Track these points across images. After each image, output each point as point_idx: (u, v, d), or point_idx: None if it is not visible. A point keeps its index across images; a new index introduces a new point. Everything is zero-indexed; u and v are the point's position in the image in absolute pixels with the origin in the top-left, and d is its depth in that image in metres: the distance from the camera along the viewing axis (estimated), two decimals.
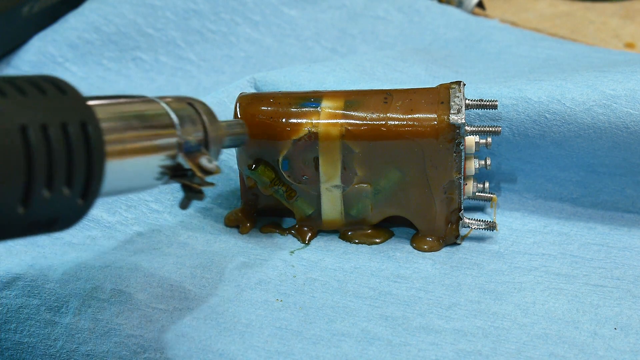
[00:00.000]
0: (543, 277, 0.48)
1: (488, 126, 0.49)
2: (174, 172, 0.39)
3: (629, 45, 0.77)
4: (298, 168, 0.50)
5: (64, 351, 0.44)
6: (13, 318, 0.45)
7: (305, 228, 0.52)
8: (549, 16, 0.84)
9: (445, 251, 0.51)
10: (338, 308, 0.46)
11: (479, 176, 0.54)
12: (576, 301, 0.46)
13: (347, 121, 0.49)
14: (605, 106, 0.50)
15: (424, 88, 0.50)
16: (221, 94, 0.59)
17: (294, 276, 0.48)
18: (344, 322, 0.45)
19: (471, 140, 0.49)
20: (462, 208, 0.50)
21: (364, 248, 0.51)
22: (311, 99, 0.50)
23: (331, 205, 0.51)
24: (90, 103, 0.33)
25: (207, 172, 0.40)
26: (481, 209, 0.54)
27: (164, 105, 0.39)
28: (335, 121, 0.49)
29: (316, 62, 0.67)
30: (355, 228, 0.52)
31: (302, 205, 0.52)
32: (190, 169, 0.39)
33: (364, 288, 0.47)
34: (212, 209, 0.54)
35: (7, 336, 0.45)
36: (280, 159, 0.50)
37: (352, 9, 0.80)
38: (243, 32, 0.78)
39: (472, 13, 0.82)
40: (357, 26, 0.78)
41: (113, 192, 0.36)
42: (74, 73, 0.76)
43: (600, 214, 0.53)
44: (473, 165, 0.50)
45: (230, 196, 0.56)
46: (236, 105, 0.50)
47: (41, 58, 0.75)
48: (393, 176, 0.49)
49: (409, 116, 0.48)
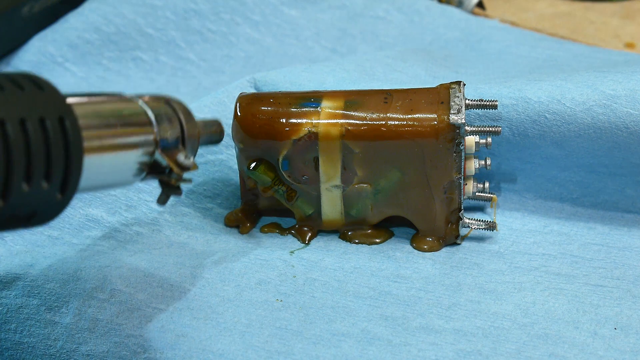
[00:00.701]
0: (543, 277, 0.48)
1: (488, 126, 0.49)
2: (152, 169, 0.40)
3: (629, 45, 0.77)
4: (298, 168, 0.50)
5: (64, 351, 0.44)
6: (13, 318, 0.45)
7: (305, 228, 0.52)
8: (549, 16, 0.84)
9: (445, 251, 0.51)
10: (338, 308, 0.46)
11: (479, 176, 0.54)
12: (576, 301, 0.46)
13: (347, 121, 0.49)
14: (605, 106, 0.50)
15: (424, 88, 0.50)
16: (221, 94, 0.59)
17: (294, 276, 0.48)
18: (344, 322, 0.45)
19: (471, 140, 0.49)
20: (462, 208, 0.50)
21: (364, 248, 0.51)
22: (311, 99, 0.50)
23: (331, 205, 0.51)
24: (68, 100, 0.34)
25: (184, 168, 0.41)
26: (481, 209, 0.54)
27: (141, 103, 0.39)
28: (335, 121, 0.49)
29: (316, 62, 0.67)
30: (355, 228, 0.52)
31: (302, 205, 0.52)
32: (167, 166, 0.40)
33: (364, 288, 0.47)
34: (212, 209, 0.54)
35: (7, 336, 0.45)
36: (280, 159, 0.50)
37: (352, 9, 0.79)
38: (243, 32, 0.78)
39: (472, 13, 0.82)
40: (357, 26, 0.78)
41: (92, 188, 0.36)
42: (74, 73, 0.76)
43: (600, 214, 0.53)
44: (473, 165, 0.50)
45: (230, 196, 0.56)
46: (236, 105, 0.50)
47: (41, 58, 0.76)
48: (393, 176, 0.49)
49: (409, 116, 0.48)
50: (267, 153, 0.50)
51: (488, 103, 0.49)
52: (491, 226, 0.51)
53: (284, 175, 0.50)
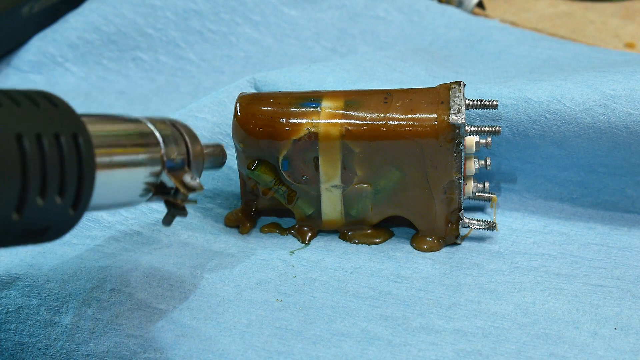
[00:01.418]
0: (543, 277, 0.48)
1: (488, 126, 0.49)
2: (158, 190, 0.40)
3: (629, 45, 0.77)
4: (298, 168, 0.50)
5: (64, 351, 0.44)
6: (13, 318, 0.45)
7: (305, 228, 0.52)
8: (549, 16, 0.84)
9: (445, 251, 0.51)
10: (338, 308, 0.46)
11: (479, 176, 0.54)
12: (576, 301, 0.46)
13: (347, 121, 0.49)
14: (605, 106, 0.50)
15: (424, 88, 0.50)
16: (221, 94, 0.59)
17: (294, 276, 0.48)
18: (344, 322, 0.45)
19: (471, 140, 0.49)
20: (462, 208, 0.50)
21: (364, 248, 0.51)
22: (311, 99, 0.50)
23: (331, 205, 0.51)
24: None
25: (191, 189, 0.41)
26: (481, 209, 0.54)
27: (150, 125, 0.40)
28: (335, 121, 0.49)
29: (316, 62, 0.67)
30: (355, 228, 0.52)
31: (302, 205, 0.52)
32: (173, 187, 0.40)
33: (364, 288, 0.47)
34: (212, 209, 0.54)
35: (7, 336, 0.45)
36: (280, 159, 0.50)
37: (352, 9, 0.79)
38: (243, 32, 0.78)
39: (472, 13, 0.82)
40: (357, 26, 0.78)
41: (100, 206, 0.37)
42: (74, 73, 0.76)
43: (600, 214, 0.53)
44: (473, 165, 0.50)
45: (230, 196, 0.56)
46: (236, 105, 0.50)
47: (41, 58, 0.76)
48: (393, 176, 0.49)
49: (409, 116, 0.48)
50: (267, 153, 0.50)
51: (488, 103, 0.49)
52: (491, 226, 0.51)
53: (284, 175, 0.50)
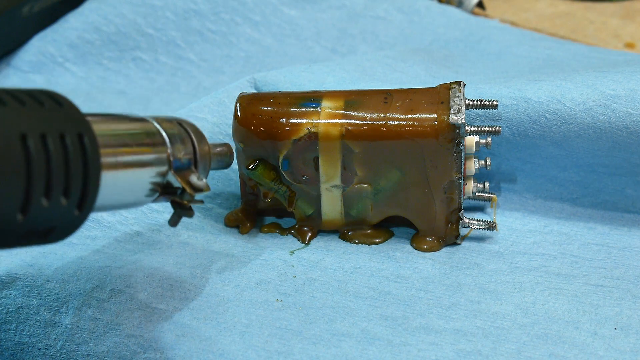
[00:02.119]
0: (543, 277, 0.48)
1: (488, 126, 0.49)
2: (164, 190, 0.40)
3: (629, 45, 0.77)
4: (298, 168, 0.50)
5: (64, 351, 0.44)
6: (13, 318, 0.45)
7: (305, 228, 0.52)
8: (549, 16, 0.84)
9: (445, 251, 0.51)
10: (338, 308, 0.46)
11: (479, 176, 0.54)
12: (576, 301, 0.46)
13: (347, 121, 0.49)
14: (605, 106, 0.50)
15: (424, 88, 0.50)
16: (221, 94, 0.59)
17: (294, 276, 0.48)
18: (344, 322, 0.45)
19: (471, 140, 0.49)
20: (462, 208, 0.50)
21: (364, 248, 0.51)
22: (311, 99, 0.50)
23: (331, 205, 0.51)
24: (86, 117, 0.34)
25: (197, 190, 0.41)
26: (481, 209, 0.54)
27: (156, 124, 0.40)
28: (335, 121, 0.49)
29: (316, 62, 0.67)
30: (355, 228, 0.52)
31: (302, 205, 0.52)
32: (180, 187, 0.40)
33: (364, 288, 0.47)
34: (212, 209, 0.54)
35: (7, 336, 0.45)
36: (280, 159, 0.50)
37: (352, 9, 0.79)
38: (243, 32, 0.78)
39: (472, 13, 0.82)
40: (357, 26, 0.78)
41: (105, 207, 0.36)
42: (74, 73, 0.76)
43: (600, 214, 0.53)
44: (473, 165, 0.50)
45: (230, 196, 0.56)
46: (236, 105, 0.50)
47: (41, 58, 0.76)
48: (393, 176, 0.49)
49: (409, 116, 0.48)
50: (267, 153, 0.50)
51: (488, 103, 0.49)
52: (491, 226, 0.51)
53: (284, 175, 0.50)
